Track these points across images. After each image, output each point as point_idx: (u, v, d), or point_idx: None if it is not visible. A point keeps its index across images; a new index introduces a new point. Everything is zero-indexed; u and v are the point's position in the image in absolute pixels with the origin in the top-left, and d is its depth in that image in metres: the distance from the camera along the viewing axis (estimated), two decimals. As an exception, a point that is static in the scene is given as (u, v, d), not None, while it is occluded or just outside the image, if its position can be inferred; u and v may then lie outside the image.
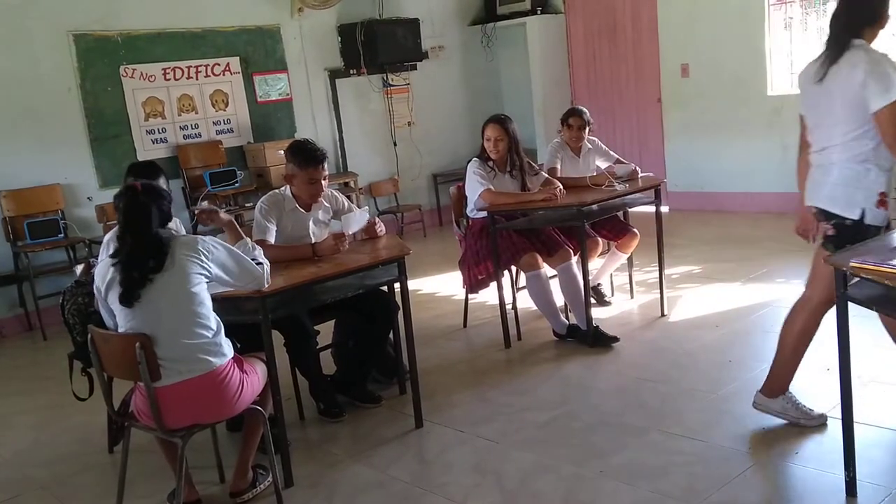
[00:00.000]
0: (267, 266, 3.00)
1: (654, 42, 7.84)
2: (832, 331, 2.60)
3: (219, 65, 7.01)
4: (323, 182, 3.72)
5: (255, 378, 2.96)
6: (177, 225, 3.08)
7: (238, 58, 7.11)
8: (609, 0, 8.16)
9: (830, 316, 2.63)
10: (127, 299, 2.70)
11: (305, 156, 3.68)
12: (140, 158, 6.54)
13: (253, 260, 2.96)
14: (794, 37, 7.19)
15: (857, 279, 2.47)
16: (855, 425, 2.67)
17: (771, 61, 7.15)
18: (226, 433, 3.68)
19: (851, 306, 2.52)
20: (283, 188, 3.81)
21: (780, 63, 7.22)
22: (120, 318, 2.78)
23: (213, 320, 2.80)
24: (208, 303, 2.79)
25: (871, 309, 2.44)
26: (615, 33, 8.21)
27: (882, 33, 2.93)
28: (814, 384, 3.61)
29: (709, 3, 7.34)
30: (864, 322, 3.10)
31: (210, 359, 2.76)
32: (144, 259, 2.69)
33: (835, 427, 2.79)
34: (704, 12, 7.39)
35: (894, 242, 2.56)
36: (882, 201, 2.82)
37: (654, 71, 7.92)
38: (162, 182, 3.36)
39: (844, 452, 2.67)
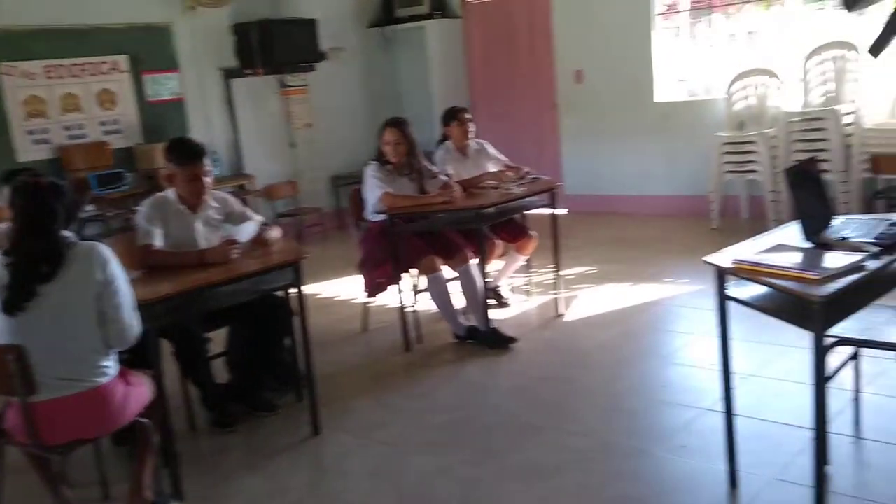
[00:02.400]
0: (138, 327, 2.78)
1: (550, 48, 8.00)
2: (715, 328, 2.71)
3: (106, 63, 6.72)
4: (206, 179, 3.60)
5: (141, 389, 2.85)
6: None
7: (126, 56, 6.84)
8: (506, 6, 8.29)
9: (711, 313, 2.73)
10: (9, 308, 2.54)
11: (183, 152, 3.57)
12: (20, 160, 6.23)
13: None
14: (682, 45, 7.48)
15: (736, 278, 2.58)
16: (736, 418, 2.79)
17: (659, 69, 7.41)
18: (111, 447, 3.52)
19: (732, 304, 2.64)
20: (167, 190, 3.68)
21: (668, 71, 7.49)
22: (2, 324, 2.62)
23: (101, 339, 2.67)
24: (97, 318, 2.65)
25: (751, 307, 2.54)
26: (512, 39, 8.34)
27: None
28: (699, 380, 3.77)
29: (600, 12, 7.54)
30: (747, 319, 3.22)
31: (95, 379, 2.64)
32: (38, 264, 2.54)
33: (718, 420, 2.90)
34: (596, 20, 7.58)
35: (772, 242, 2.68)
36: None
37: (550, 76, 8.08)
38: None
39: (726, 445, 2.78)
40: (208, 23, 7.37)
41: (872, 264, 2.39)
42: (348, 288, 5.90)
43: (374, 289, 4.65)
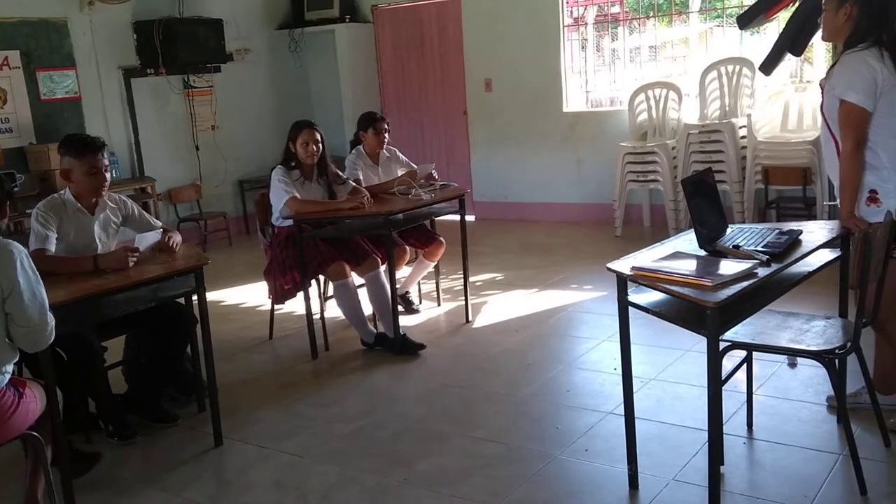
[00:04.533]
0: (53, 323, 2.68)
1: (460, 56, 8.06)
2: (617, 334, 2.78)
3: (-5, 58, 6.39)
4: (105, 174, 3.47)
5: (32, 403, 2.70)
6: None
7: (18, 52, 6.50)
8: (416, 13, 8.31)
9: (614, 319, 2.80)
10: None
11: (81, 144, 3.43)
12: None
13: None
14: (589, 57, 7.68)
15: (636, 285, 2.65)
16: (637, 421, 2.87)
17: (566, 79, 7.57)
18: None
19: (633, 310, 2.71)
20: (62, 191, 3.52)
21: (575, 81, 7.67)
22: None
23: (3, 343, 2.56)
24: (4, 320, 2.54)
25: (650, 313, 2.62)
26: (423, 46, 8.37)
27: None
28: (602, 384, 3.85)
29: (509, 22, 7.65)
30: (648, 325, 3.32)
31: None
32: None
33: (620, 423, 2.97)
34: (506, 30, 7.68)
35: (669, 250, 2.76)
36: (872, 198, 3.00)
37: (460, 84, 8.14)
38: None
39: (627, 447, 2.86)
40: (108, 19, 7.10)
41: (763, 271, 2.50)
42: (254, 295, 5.79)
43: (280, 296, 4.57)
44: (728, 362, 2.76)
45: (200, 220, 7.68)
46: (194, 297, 3.47)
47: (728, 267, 2.50)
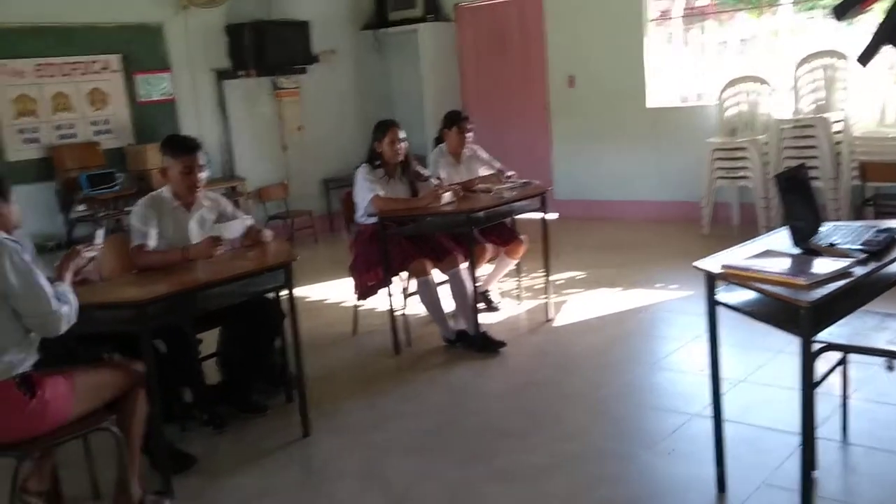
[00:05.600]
0: (68, 308, 2.65)
1: (542, 53, 8.03)
2: (704, 334, 2.72)
3: (97, 62, 6.71)
4: (201, 175, 3.63)
5: (57, 401, 2.64)
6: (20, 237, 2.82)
7: (118, 55, 6.82)
8: (498, 11, 8.31)
9: (700, 319, 2.75)
10: None
11: (179, 145, 3.63)
12: (10, 159, 6.24)
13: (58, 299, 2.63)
14: (676, 52, 7.52)
15: (725, 283, 2.59)
16: (724, 423, 2.81)
17: (651, 75, 7.43)
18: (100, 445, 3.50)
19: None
20: (161, 189, 3.69)
21: (661, 77, 7.52)
22: None
23: (14, 331, 2.60)
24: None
25: (740, 312, 2.56)
26: (504, 43, 8.36)
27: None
28: (687, 385, 3.78)
29: (593, 18, 7.57)
30: (736, 325, 3.24)
31: None
32: None
33: (707, 425, 2.91)
34: (589, 26, 7.61)
35: (761, 248, 2.69)
36: None
37: (542, 81, 8.10)
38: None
39: (715, 450, 2.80)
40: (201, 23, 7.36)
41: (859, 270, 2.41)
42: (338, 291, 5.90)
43: (364, 292, 4.65)
44: (822, 364, 2.67)
45: (288, 219, 7.89)
46: (283, 293, 3.57)
47: (823, 265, 2.42)
